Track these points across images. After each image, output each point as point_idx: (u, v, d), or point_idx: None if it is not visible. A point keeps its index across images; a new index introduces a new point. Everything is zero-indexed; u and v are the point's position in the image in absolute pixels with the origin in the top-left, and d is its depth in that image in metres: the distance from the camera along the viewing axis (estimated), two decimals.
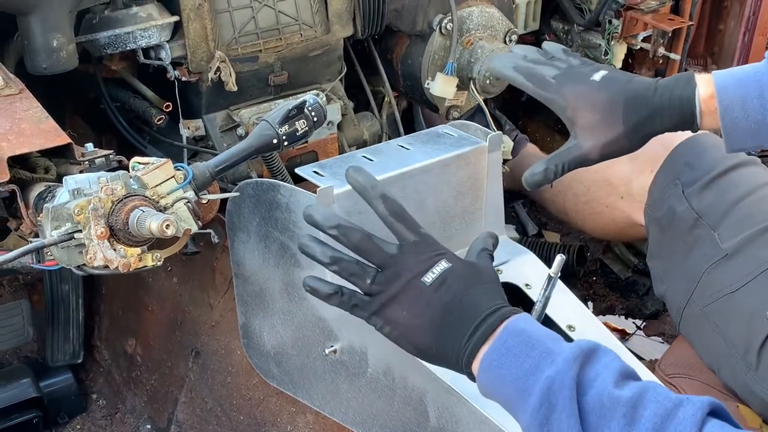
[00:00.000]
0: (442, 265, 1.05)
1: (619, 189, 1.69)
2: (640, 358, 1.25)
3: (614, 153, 1.22)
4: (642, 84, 1.22)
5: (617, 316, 2.16)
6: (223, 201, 1.41)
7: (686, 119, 1.19)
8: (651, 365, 1.48)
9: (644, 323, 2.12)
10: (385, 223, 1.10)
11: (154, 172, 1.12)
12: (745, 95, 1.15)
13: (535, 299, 1.23)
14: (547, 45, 1.35)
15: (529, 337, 0.98)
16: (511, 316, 1.01)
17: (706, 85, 1.18)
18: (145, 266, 1.10)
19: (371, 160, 1.34)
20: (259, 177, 1.56)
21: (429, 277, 1.04)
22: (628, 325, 2.13)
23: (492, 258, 1.14)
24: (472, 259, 1.11)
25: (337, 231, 1.08)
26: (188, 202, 1.14)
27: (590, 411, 0.90)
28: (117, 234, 1.07)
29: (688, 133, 1.40)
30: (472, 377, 1.02)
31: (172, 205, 1.12)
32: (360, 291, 1.07)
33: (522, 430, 0.95)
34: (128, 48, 1.48)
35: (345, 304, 1.07)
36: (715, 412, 0.89)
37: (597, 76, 1.23)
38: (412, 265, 1.06)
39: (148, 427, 1.91)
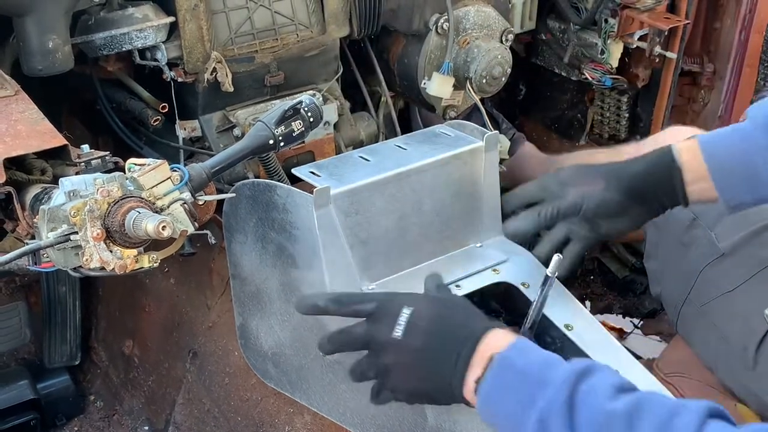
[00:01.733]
0: (405, 312, 1.06)
1: None
2: (638, 357, 1.25)
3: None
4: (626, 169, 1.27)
5: (615, 315, 2.17)
6: (220, 202, 1.41)
7: (678, 198, 1.26)
8: (648, 364, 1.48)
9: (642, 322, 2.13)
10: (342, 315, 1.13)
11: (151, 173, 1.12)
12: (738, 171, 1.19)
13: (532, 299, 1.23)
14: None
15: (522, 370, 0.98)
16: (502, 346, 1.01)
17: (688, 153, 1.24)
18: (142, 268, 1.10)
19: (368, 160, 1.35)
20: (255, 178, 1.56)
21: (397, 331, 1.06)
22: (625, 324, 2.13)
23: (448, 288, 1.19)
24: (433, 293, 1.15)
25: (329, 305, 1.13)
26: (185, 203, 1.14)
27: (584, 427, 0.90)
28: (113, 235, 1.07)
29: (686, 134, 1.40)
30: (470, 405, 1.03)
31: (168, 207, 1.12)
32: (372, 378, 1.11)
33: None
34: (124, 49, 1.49)
35: (373, 390, 1.13)
36: (714, 414, 0.88)
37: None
38: (382, 330, 1.07)
39: (146, 428, 1.91)
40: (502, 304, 1.38)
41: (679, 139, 1.51)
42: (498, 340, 1.01)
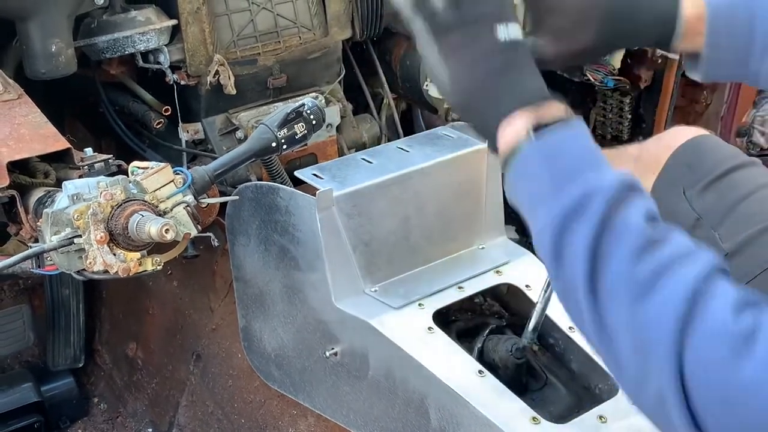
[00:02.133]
0: (513, 27, 0.94)
1: None
2: None
3: (575, 61, 1.14)
4: None
5: None
6: (223, 204, 1.42)
7: (663, 41, 1.11)
8: None
9: None
10: None
11: (154, 176, 1.12)
12: (734, 22, 1.08)
13: (535, 300, 1.23)
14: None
15: (586, 143, 0.91)
16: (571, 116, 0.91)
17: (693, 5, 1.08)
18: (145, 270, 1.10)
19: (370, 162, 1.35)
20: (258, 180, 1.56)
21: (502, 34, 0.94)
22: None
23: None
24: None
25: None
26: (187, 206, 1.14)
27: (615, 235, 0.83)
28: (116, 238, 1.07)
29: (689, 135, 1.40)
30: (495, 149, 0.94)
31: (171, 210, 1.12)
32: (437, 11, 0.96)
33: (534, 231, 0.91)
34: (127, 52, 1.49)
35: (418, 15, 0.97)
36: (724, 270, 0.84)
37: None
38: (487, 10, 0.95)
39: (150, 430, 1.91)
40: (505, 305, 1.38)
41: (681, 141, 1.51)
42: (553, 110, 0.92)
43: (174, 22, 1.51)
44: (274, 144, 1.28)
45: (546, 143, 0.89)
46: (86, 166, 1.20)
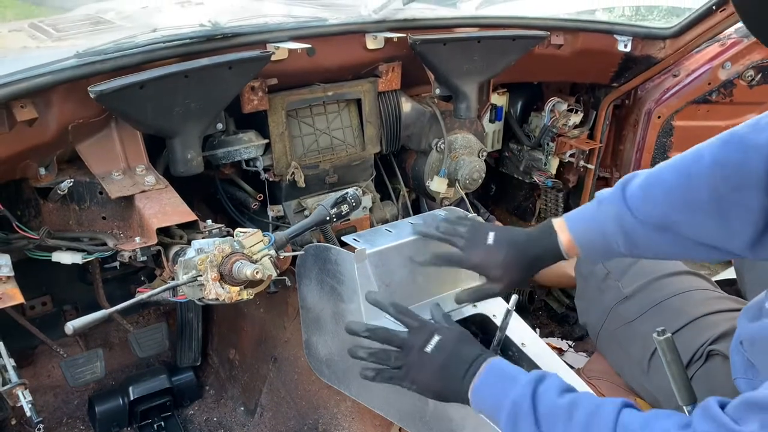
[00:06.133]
0: (435, 338, 1.06)
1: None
2: (571, 367, 1.22)
3: (517, 286, 1.17)
4: (520, 239, 1.14)
5: (556, 338, 2.12)
6: (294, 257, 1.42)
7: (557, 258, 1.14)
8: (578, 371, 1.45)
9: (574, 343, 2.08)
10: (396, 319, 1.12)
11: (250, 238, 1.14)
12: (593, 238, 1.09)
13: (498, 324, 1.22)
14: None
15: (501, 372, 1.00)
16: (489, 360, 1.02)
17: (562, 233, 1.11)
18: (242, 299, 1.11)
19: (391, 231, 1.35)
20: (317, 242, 1.57)
21: (429, 348, 1.06)
22: (563, 344, 2.08)
23: (450, 316, 1.16)
24: (445, 324, 1.13)
25: (368, 333, 1.11)
26: (271, 257, 1.15)
27: (543, 416, 0.90)
28: (225, 278, 1.08)
29: None
30: (469, 403, 1.03)
31: (260, 259, 1.13)
32: (389, 367, 1.10)
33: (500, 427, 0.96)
34: (236, 159, 1.52)
35: (384, 378, 1.10)
36: (627, 405, 0.87)
37: (490, 239, 1.15)
38: (418, 342, 1.07)
39: (242, 409, 1.88)
40: (479, 328, 1.36)
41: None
42: (488, 362, 1.03)
43: (266, 141, 1.53)
44: (327, 218, 1.29)
45: (485, 381, 1.00)
46: (207, 231, 1.22)
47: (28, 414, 1.06)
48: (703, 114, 1.98)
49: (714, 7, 1.73)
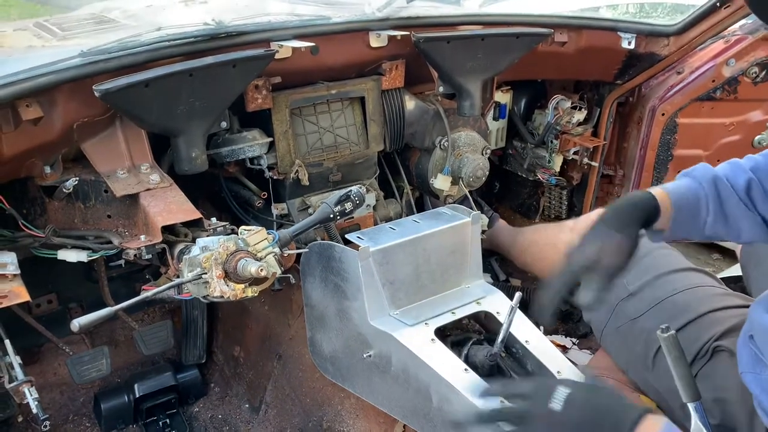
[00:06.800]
0: (563, 390, 0.87)
1: (563, 249, 1.67)
2: (575, 364, 1.22)
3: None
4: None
5: (560, 335, 2.12)
6: (298, 255, 1.42)
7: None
8: (582, 368, 1.44)
9: (578, 341, 2.08)
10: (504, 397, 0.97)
11: (254, 235, 1.14)
12: (687, 195, 1.07)
13: (503, 322, 1.22)
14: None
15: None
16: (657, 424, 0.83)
17: (660, 198, 1.05)
18: (246, 296, 1.11)
19: (394, 229, 1.35)
20: (321, 240, 1.57)
21: (557, 404, 0.86)
22: (567, 342, 2.08)
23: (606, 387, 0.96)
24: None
25: (483, 418, 0.96)
26: (275, 255, 1.15)
27: None
28: (229, 275, 1.09)
29: None
30: None
31: (265, 257, 1.13)
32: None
33: None
34: (240, 158, 1.52)
35: None
36: None
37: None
38: (538, 404, 0.88)
39: (246, 406, 1.89)
40: (482, 325, 1.36)
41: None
42: (652, 424, 0.84)
43: (270, 139, 1.53)
44: (331, 216, 1.29)
45: None
46: (211, 229, 1.22)
47: (35, 411, 1.07)
48: (708, 111, 1.97)
49: (718, 4, 1.72)
